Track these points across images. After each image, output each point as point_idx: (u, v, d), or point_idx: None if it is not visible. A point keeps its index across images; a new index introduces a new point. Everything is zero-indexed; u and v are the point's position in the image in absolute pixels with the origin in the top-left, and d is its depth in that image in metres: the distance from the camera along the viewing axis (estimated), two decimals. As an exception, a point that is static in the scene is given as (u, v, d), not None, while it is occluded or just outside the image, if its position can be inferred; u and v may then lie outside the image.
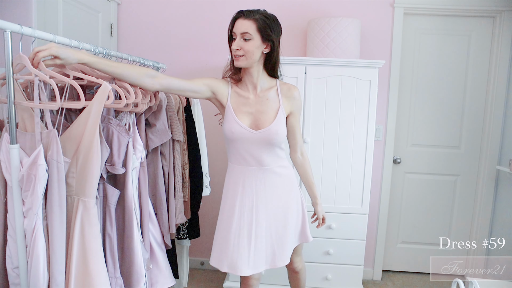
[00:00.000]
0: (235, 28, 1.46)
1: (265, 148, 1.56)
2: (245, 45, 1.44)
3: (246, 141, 1.55)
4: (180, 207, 1.82)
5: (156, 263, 1.61)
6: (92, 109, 1.24)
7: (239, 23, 1.45)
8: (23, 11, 1.82)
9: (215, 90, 1.56)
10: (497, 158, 2.68)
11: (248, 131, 1.53)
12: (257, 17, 1.44)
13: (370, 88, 2.30)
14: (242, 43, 1.44)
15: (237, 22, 1.46)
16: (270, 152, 1.58)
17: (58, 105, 1.20)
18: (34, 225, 1.19)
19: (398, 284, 2.81)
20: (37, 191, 1.17)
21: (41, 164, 1.17)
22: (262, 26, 1.44)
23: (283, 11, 2.70)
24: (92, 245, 1.25)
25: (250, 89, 1.58)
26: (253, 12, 1.45)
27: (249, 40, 1.44)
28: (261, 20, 1.45)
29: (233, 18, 1.49)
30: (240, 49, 1.45)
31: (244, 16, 1.44)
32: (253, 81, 1.56)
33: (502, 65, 2.61)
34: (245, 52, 1.45)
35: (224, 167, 2.76)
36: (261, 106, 1.56)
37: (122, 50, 2.76)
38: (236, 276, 2.49)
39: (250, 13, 1.45)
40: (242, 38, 1.44)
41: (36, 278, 1.19)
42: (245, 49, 1.45)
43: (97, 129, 1.24)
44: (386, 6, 2.63)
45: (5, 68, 1.18)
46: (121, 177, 1.41)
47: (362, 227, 2.41)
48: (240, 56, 1.46)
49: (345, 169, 2.37)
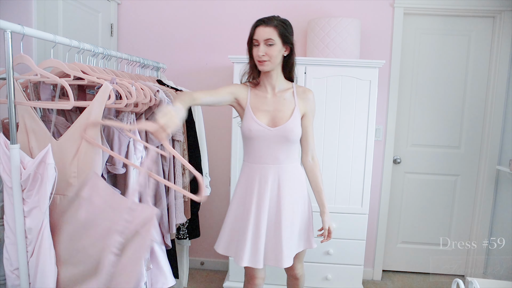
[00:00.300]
0: (257, 35, 1.54)
1: (281, 145, 1.63)
2: (269, 50, 1.53)
3: (263, 138, 1.62)
4: (180, 207, 1.82)
5: (156, 263, 1.61)
6: (93, 109, 1.24)
7: (261, 31, 1.54)
8: (23, 11, 1.82)
9: (237, 95, 1.65)
10: (497, 158, 2.68)
11: (265, 128, 1.61)
12: (276, 24, 1.54)
13: (370, 88, 2.30)
14: (267, 49, 1.53)
15: (259, 29, 1.54)
16: (285, 151, 1.65)
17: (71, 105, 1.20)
18: (42, 224, 1.20)
19: (398, 284, 2.81)
20: (45, 189, 1.18)
21: (50, 163, 1.18)
22: (282, 31, 1.55)
23: (283, 11, 2.68)
24: None
25: (269, 90, 1.66)
26: (271, 19, 1.55)
27: (272, 45, 1.54)
28: (280, 26, 1.55)
29: (254, 26, 1.57)
30: (265, 55, 1.54)
31: (265, 24, 1.54)
32: (272, 82, 1.65)
33: (502, 65, 2.61)
34: (270, 57, 1.54)
35: (224, 167, 2.78)
36: (278, 105, 1.64)
37: (122, 50, 2.76)
38: (236, 276, 2.49)
39: (269, 21, 1.55)
40: (265, 44, 1.53)
41: (44, 276, 1.19)
42: (269, 54, 1.54)
43: (99, 127, 1.25)
44: (386, 6, 2.63)
45: (5, 68, 1.18)
46: (122, 177, 1.41)
47: (362, 227, 2.41)
48: (265, 61, 1.55)
49: (345, 169, 2.37)
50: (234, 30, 2.73)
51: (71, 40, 1.44)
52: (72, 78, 1.35)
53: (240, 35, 2.73)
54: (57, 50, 2.02)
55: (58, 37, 1.34)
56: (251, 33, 1.58)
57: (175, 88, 2.06)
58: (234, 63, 2.35)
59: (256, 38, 1.55)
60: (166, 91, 1.75)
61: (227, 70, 2.70)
